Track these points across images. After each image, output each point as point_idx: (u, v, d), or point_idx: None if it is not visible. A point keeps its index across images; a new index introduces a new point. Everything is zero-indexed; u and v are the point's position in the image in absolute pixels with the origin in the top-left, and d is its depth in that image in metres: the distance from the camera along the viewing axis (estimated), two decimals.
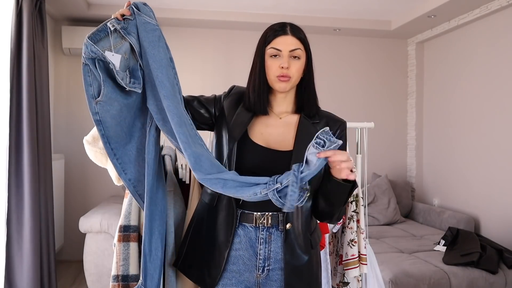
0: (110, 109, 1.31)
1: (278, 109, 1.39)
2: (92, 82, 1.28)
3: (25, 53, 2.76)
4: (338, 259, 1.94)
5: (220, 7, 3.97)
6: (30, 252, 2.71)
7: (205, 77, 4.30)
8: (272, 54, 1.31)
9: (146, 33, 1.34)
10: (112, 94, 1.30)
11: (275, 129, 1.37)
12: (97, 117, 1.30)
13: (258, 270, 1.32)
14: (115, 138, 1.35)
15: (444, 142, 4.25)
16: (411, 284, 2.66)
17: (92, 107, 1.29)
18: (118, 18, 1.30)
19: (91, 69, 1.26)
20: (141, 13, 1.34)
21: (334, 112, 1.49)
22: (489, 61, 3.65)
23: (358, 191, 1.92)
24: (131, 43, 1.32)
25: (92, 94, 1.28)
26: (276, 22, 1.36)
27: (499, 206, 3.51)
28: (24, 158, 2.73)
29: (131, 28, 1.33)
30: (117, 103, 1.32)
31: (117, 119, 1.34)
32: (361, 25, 4.28)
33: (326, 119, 1.40)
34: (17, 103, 2.75)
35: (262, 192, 1.15)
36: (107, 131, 1.33)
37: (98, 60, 1.26)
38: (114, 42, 1.29)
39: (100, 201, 4.02)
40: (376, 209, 4.08)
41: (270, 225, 1.31)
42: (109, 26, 1.28)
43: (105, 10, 3.90)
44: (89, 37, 1.25)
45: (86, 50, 1.24)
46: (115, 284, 1.52)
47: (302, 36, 1.33)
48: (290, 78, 1.30)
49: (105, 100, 1.29)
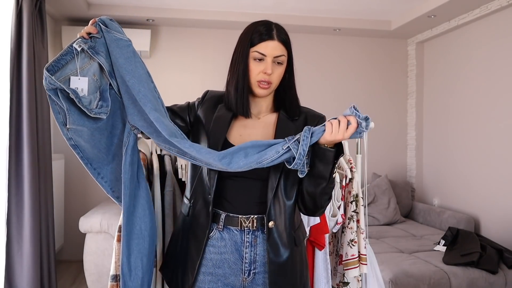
0: (82, 134, 1.29)
1: (256, 110, 1.38)
2: (60, 110, 1.24)
3: (25, 53, 2.76)
4: (338, 259, 1.94)
5: (220, 7, 3.97)
6: (30, 252, 2.71)
7: (205, 77, 4.30)
8: (256, 58, 1.29)
9: (120, 50, 1.29)
10: (79, 121, 1.25)
11: (254, 130, 1.36)
12: (71, 142, 1.29)
13: (244, 273, 1.31)
14: (96, 159, 1.33)
15: (444, 142, 4.25)
16: (411, 284, 2.65)
17: (64, 133, 1.28)
18: (84, 37, 1.25)
19: (54, 99, 1.22)
20: (110, 30, 1.28)
21: (334, 112, 1.49)
22: (489, 61, 3.65)
23: (358, 191, 1.92)
24: (100, 63, 1.27)
25: (63, 121, 1.25)
26: (260, 20, 1.34)
27: (499, 206, 3.51)
28: (24, 158, 2.73)
29: (99, 47, 1.28)
30: (87, 128, 1.28)
31: (91, 142, 1.31)
32: (361, 25, 4.28)
33: (305, 114, 1.39)
34: (17, 103, 2.75)
35: (284, 147, 1.17)
36: (85, 154, 1.32)
37: (59, 89, 1.21)
38: (81, 64, 1.25)
39: (100, 201, 4.02)
40: (376, 209, 4.08)
41: (256, 228, 1.30)
42: (75, 47, 1.23)
43: (105, 10, 3.90)
44: (46, 68, 1.19)
45: (45, 82, 1.19)
46: (114, 283, 1.52)
47: (288, 43, 1.33)
48: (270, 85, 1.30)
49: (74, 128, 1.26)
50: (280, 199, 1.30)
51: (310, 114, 1.41)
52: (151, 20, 4.09)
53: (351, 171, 1.93)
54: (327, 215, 1.87)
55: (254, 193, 1.31)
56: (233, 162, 1.18)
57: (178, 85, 4.27)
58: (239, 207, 1.30)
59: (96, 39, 1.27)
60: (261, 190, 1.31)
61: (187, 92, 4.05)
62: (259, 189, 1.31)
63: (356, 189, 1.91)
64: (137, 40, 4.02)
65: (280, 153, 1.17)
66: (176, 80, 4.29)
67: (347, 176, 1.93)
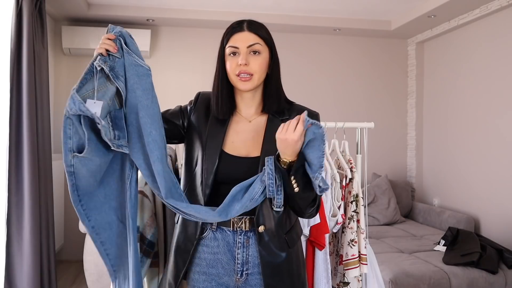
0: (88, 164, 1.20)
1: (247, 112, 1.36)
2: (73, 135, 1.17)
3: (25, 53, 2.76)
4: (339, 259, 1.94)
5: (220, 7, 3.97)
6: (30, 252, 2.71)
7: (205, 77, 4.28)
8: (230, 53, 1.27)
9: (139, 79, 1.21)
10: (95, 152, 1.19)
11: (245, 135, 1.34)
12: (71, 169, 1.19)
13: (236, 274, 1.30)
14: (85, 187, 1.24)
15: (444, 142, 4.25)
16: (411, 284, 2.65)
17: (67, 159, 1.18)
18: (103, 54, 1.18)
19: (75, 124, 1.15)
20: (130, 51, 1.21)
21: (334, 112, 1.48)
22: (489, 61, 3.65)
23: (358, 191, 1.92)
24: (120, 89, 1.19)
25: (70, 148, 1.17)
26: (237, 20, 1.33)
27: (499, 206, 3.51)
28: (24, 158, 2.73)
29: (119, 70, 1.19)
30: (98, 159, 1.21)
31: (93, 172, 1.23)
32: (361, 25, 4.28)
33: (297, 112, 1.33)
34: (17, 103, 2.75)
35: (262, 179, 1.18)
36: (78, 181, 1.21)
37: (84, 116, 1.14)
38: (98, 85, 1.17)
39: None
40: (376, 209, 4.08)
41: (248, 229, 1.29)
42: (95, 66, 1.16)
43: (105, 10, 3.90)
44: (77, 90, 1.12)
45: (73, 106, 1.11)
46: None
47: (262, 33, 1.29)
48: (252, 76, 1.26)
49: (86, 157, 1.18)
50: (268, 204, 1.27)
51: (303, 111, 1.35)
52: (151, 20, 4.09)
53: (351, 171, 1.93)
54: (327, 215, 1.87)
55: None
56: (230, 212, 1.19)
57: (178, 85, 4.27)
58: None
59: (115, 59, 1.19)
60: None
61: (187, 92, 4.02)
62: None
63: (356, 189, 1.91)
64: (137, 40, 4.00)
65: (265, 182, 1.18)
66: (176, 80, 4.29)
67: (347, 176, 1.93)
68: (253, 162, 1.29)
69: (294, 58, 4.44)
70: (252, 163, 1.29)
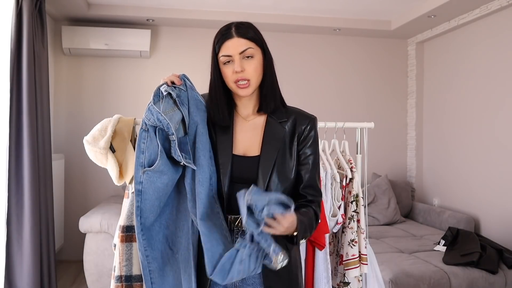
0: (157, 181, 1.22)
1: (244, 112, 1.37)
2: (146, 149, 1.20)
3: (25, 53, 2.76)
4: (339, 259, 1.94)
5: (220, 7, 3.97)
6: (30, 252, 2.71)
7: (205, 77, 4.29)
8: (224, 62, 1.29)
9: (198, 111, 1.28)
10: (164, 167, 1.21)
11: (243, 134, 1.35)
12: (139, 187, 1.21)
13: None
14: (148, 212, 1.24)
15: (444, 142, 4.25)
16: (411, 284, 2.65)
17: (138, 176, 1.20)
18: (168, 83, 1.26)
19: (150, 136, 1.18)
20: (193, 87, 1.30)
21: (334, 112, 1.49)
22: (489, 61, 3.65)
23: (358, 191, 1.92)
24: (184, 115, 1.24)
25: (142, 163, 1.20)
26: (225, 24, 1.33)
27: (499, 206, 3.51)
28: (24, 158, 2.73)
29: (184, 99, 1.26)
30: (167, 176, 1.23)
31: (160, 192, 1.24)
32: (361, 25, 4.28)
33: (295, 115, 1.35)
34: (17, 103, 2.75)
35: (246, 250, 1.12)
36: (143, 203, 1.23)
37: (159, 128, 1.18)
38: (165, 108, 1.21)
39: (100, 201, 4.02)
40: (376, 209, 4.08)
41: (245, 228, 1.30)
42: (161, 91, 1.22)
43: (105, 10, 3.90)
44: (155, 103, 1.18)
45: (151, 117, 1.17)
46: (119, 284, 1.52)
47: (251, 35, 1.29)
48: (249, 81, 1.27)
49: (156, 171, 1.20)
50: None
51: (301, 115, 1.38)
52: (151, 20, 4.09)
53: (351, 171, 1.93)
54: (327, 215, 1.87)
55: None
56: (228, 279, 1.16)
57: None
58: (231, 207, 1.29)
59: (181, 90, 1.26)
60: None
61: None
62: None
63: (356, 189, 1.91)
64: (137, 40, 4.02)
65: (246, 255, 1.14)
66: None
67: (347, 176, 1.93)
68: (252, 161, 1.30)
69: (294, 58, 4.43)
70: (252, 162, 1.30)
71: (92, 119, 3.97)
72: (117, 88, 4.23)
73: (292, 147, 1.33)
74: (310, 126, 1.35)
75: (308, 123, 1.35)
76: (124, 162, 1.56)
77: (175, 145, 1.19)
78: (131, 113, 3.86)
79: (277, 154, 1.30)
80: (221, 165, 1.29)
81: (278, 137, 1.31)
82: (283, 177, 1.29)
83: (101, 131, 1.55)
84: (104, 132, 1.55)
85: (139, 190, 1.21)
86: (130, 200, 1.56)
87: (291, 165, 1.31)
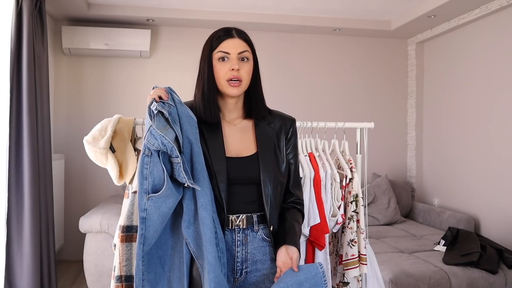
0: (162, 206, 1.17)
1: (230, 116, 1.39)
2: (149, 175, 1.15)
3: (25, 53, 2.76)
4: (338, 259, 1.94)
5: (220, 7, 3.97)
6: (30, 252, 2.71)
7: None
8: (220, 57, 1.30)
9: (190, 128, 1.23)
10: (170, 190, 1.17)
11: (233, 137, 1.36)
12: (144, 214, 1.16)
13: (236, 273, 1.31)
14: (151, 239, 1.20)
15: (444, 142, 4.25)
16: (411, 284, 2.65)
17: (142, 203, 1.16)
18: (156, 99, 1.21)
19: (154, 161, 1.14)
20: (181, 102, 1.24)
21: (334, 112, 1.52)
22: (489, 61, 3.65)
23: (358, 191, 1.92)
24: (177, 133, 1.19)
25: (146, 189, 1.15)
26: (220, 28, 1.36)
27: (499, 206, 3.51)
28: (24, 158, 2.73)
29: (175, 116, 1.20)
30: (172, 200, 1.19)
31: (165, 217, 1.20)
32: (361, 25, 4.28)
33: (278, 118, 1.43)
34: (17, 103, 2.75)
35: None
36: (147, 231, 1.17)
37: (162, 152, 1.14)
38: (158, 127, 1.16)
39: (100, 201, 4.02)
40: (376, 209, 4.08)
41: (246, 227, 1.32)
42: (152, 109, 1.17)
43: (105, 10, 3.90)
44: (156, 126, 1.13)
45: (155, 141, 1.12)
46: (119, 284, 1.52)
47: (249, 40, 1.34)
48: (241, 82, 1.29)
49: (162, 196, 1.16)
50: (274, 204, 1.33)
51: (282, 117, 1.45)
52: (151, 20, 4.09)
53: (351, 171, 1.93)
54: (327, 215, 1.87)
55: (245, 195, 1.33)
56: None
57: (178, 85, 4.22)
58: (229, 207, 1.30)
59: (171, 106, 1.21)
60: (251, 192, 1.33)
61: (187, 92, 4.02)
62: (249, 192, 1.33)
63: (356, 189, 1.91)
64: (137, 40, 4.02)
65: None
66: (176, 80, 4.29)
67: (347, 176, 1.93)
68: (250, 159, 1.33)
69: (294, 58, 4.43)
70: (251, 160, 1.33)
71: (92, 119, 3.98)
72: (117, 88, 4.23)
73: (280, 146, 1.39)
74: (293, 127, 1.44)
75: (291, 125, 1.44)
76: (124, 162, 1.56)
77: (179, 167, 1.16)
78: (131, 113, 3.87)
79: (273, 151, 1.36)
80: (217, 171, 1.28)
81: (270, 136, 1.37)
82: (280, 173, 1.36)
83: (101, 131, 1.55)
84: (104, 132, 1.55)
85: (143, 217, 1.16)
86: (130, 200, 1.56)
87: (283, 163, 1.38)
